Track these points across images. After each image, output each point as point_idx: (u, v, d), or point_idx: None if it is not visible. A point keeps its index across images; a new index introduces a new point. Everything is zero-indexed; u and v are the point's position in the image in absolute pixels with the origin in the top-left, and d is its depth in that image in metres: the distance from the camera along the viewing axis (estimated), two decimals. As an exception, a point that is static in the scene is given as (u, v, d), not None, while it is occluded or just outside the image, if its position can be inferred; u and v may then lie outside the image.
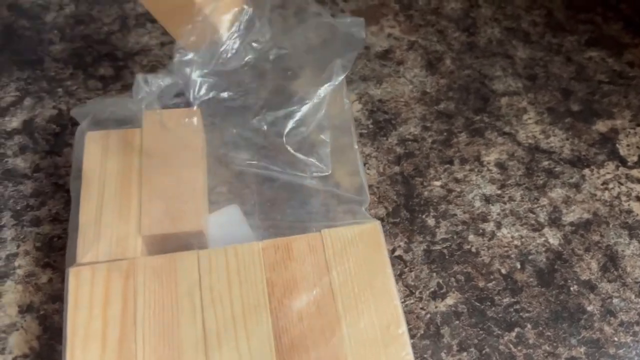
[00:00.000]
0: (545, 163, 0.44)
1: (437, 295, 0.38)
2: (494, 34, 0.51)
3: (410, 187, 0.42)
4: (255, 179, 0.39)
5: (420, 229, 0.40)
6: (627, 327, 0.37)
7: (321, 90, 0.38)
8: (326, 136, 0.39)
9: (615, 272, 0.39)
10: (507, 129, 0.45)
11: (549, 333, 0.37)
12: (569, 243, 0.40)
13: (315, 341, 0.31)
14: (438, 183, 0.42)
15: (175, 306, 0.32)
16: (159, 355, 0.31)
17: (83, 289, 0.32)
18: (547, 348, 0.36)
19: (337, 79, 0.38)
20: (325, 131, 0.39)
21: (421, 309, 0.37)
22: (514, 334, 0.37)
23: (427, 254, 0.39)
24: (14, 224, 0.39)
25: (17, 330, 0.35)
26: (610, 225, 0.41)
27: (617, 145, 0.45)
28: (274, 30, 0.40)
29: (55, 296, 0.36)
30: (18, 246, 0.38)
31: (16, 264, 0.37)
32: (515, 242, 0.40)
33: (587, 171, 0.44)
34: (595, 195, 0.43)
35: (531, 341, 0.36)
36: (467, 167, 0.43)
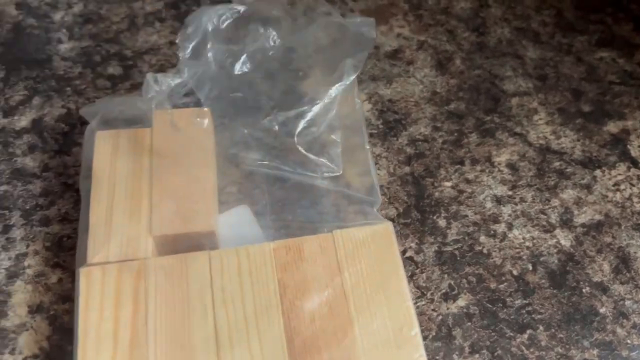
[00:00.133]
0: (557, 164, 0.44)
1: (449, 296, 0.37)
2: (503, 34, 0.51)
3: (420, 188, 0.42)
4: (265, 179, 0.39)
5: (431, 230, 0.40)
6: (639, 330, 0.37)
7: (332, 90, 0.38)
8: (337, 136, 0.38)
9: (628, 274, 0.39)
10: (517, 129, 0.45)
11: (562, 335, 0.37)
12: (580, 244, 0.40)
13: (328, 342, 0.31)
14: (449, 184, 0.42)
15: (186, 307, 0.32)
16: (171, 356, 0.30)
17: (94, 289, 0.32)
18: (560, 350, 0.36)
19: (349, 79, 0.38)
20: (336, 131, 0.38)
21: (433, 310, 0.37)
22: (526, 335, 0.36)
23: (438, 255, 0.39)
24: (23, 223, 0.38)
25: (27, 330, 0.35)
26: (622, 227, 0.41)
27: (629, 147, 0.45)
28: (283, 30, 0.40)
29: (65, 296, 0.36)
30: (27, 246, 0.38)
31: (26, 263, 0.37)
32: (527, 244, 0.40)
33: (598, 172, 0.44)
34: (607, 196, 0.42)
35: (543, 343, 0.36)
36: (478, 167, 0.43)
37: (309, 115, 0.38)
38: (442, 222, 0.40)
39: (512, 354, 0.36)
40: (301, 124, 0.37)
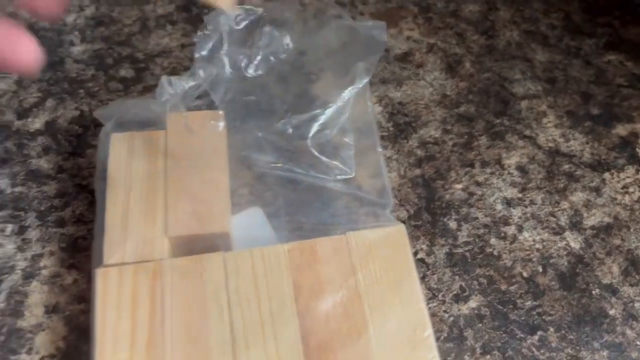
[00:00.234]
0: (566, 167, 0.44)
1: (460, 298, 0.38)
2: (512, 37, 0.51)
3: (431, 190, 0.42)
4: (277, 181, 0.39)
5: (442, 232, 0.40)
6: (649, 331, 0.37)
7: (345, 94, 0.38)
8: (349, 139, 0.39)
9: (637, 276, 0.39)
10: (527, 132, 0.45)
11: (572, 336, 0.37)
12: (590, 247, 0.40)
13: (343, 343, 0.31)
14: (459, 186, 0.42)
15: (202, 308, 0.32)
16: (187, 356, 0.31)
17: (111, 290, 0.32)
18: (570, 351, 0.36)
19: (361, 82, 0.38)
20: (349, 134, 0.39)
21: (444, 311, 0.37)
22: (536, 337, 0.37)
23: (449, 257, 0.39)
24: (38, 224, 0.39)
25: (44, 330, 0.35)
26: (631, 229, 0.41)
27: (637, 149, 0.45)
28: (295, 34, 0.40)
29: (81, 297, 0.36)
30: (43, 247, 0.38)
31: (41, 264, 0.37)
32: (537, 246, 0.40)
33: (607, 175, 0.44)
34: (616, 199, 0.43)
35: (554, 344, 0.37)
36: (488, 170, 0.43)
37: (322, 119, 0.38)
38: (452, 224, 0.41)
39: (523, 355, 0.36)
40: (314, 127, 0.38)
